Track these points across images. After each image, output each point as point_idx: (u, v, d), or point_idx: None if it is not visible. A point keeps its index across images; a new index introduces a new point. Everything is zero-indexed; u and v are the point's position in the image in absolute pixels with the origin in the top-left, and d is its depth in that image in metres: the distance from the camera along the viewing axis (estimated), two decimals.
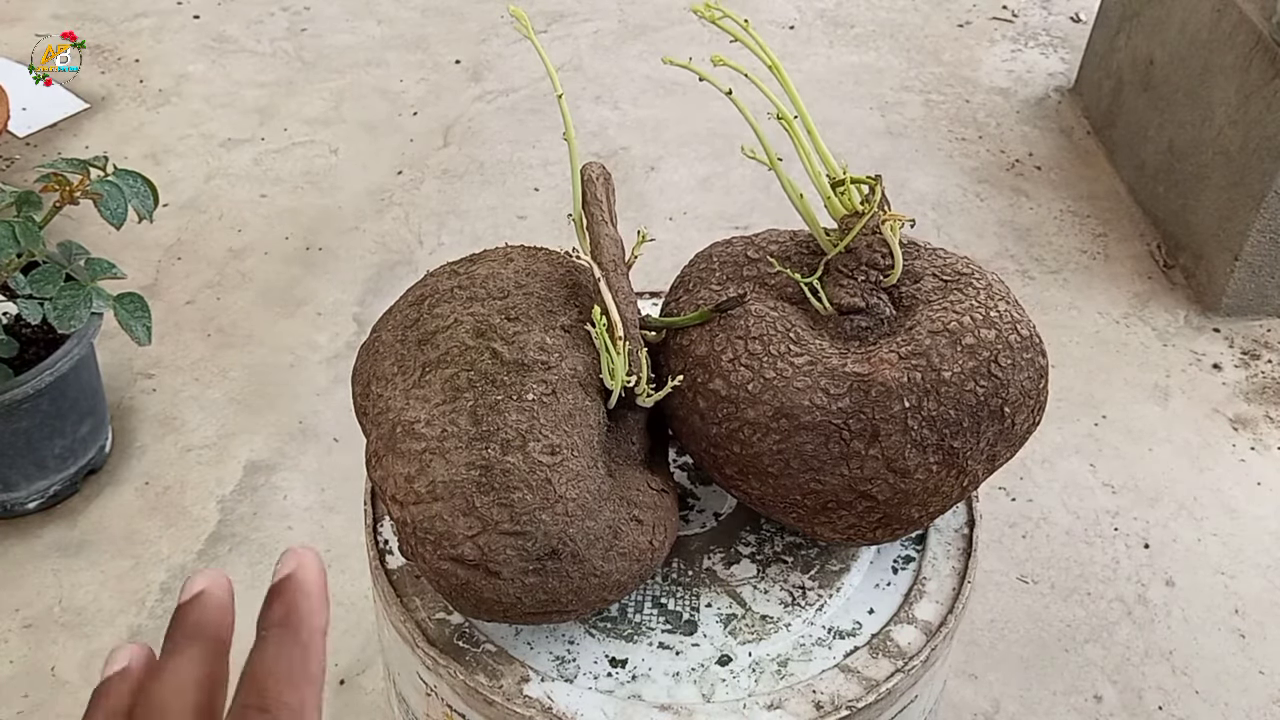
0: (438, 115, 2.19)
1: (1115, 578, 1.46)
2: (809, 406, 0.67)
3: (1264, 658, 1.38)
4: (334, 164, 2.07)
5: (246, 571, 1.42)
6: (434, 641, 0.71)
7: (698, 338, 0.71)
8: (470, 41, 2.39)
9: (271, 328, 1.75)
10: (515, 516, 0.62)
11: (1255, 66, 1.71)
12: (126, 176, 1.22)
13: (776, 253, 0.75)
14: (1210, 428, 1.66)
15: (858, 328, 0.72)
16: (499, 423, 0.64)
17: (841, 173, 0.73)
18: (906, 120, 2.23)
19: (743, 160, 2.00)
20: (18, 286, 1.29)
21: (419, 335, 0.70)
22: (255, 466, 1.55)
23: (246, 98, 2.22)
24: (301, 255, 1.88)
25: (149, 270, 1.83)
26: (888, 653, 0.71)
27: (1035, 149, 2.16)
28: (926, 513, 0.72)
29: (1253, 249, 1.75)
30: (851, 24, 2.51)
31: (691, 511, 0.80)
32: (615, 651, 0.71)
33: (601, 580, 0.66)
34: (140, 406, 1.61)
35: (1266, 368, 1.75)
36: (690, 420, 0.72)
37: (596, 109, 2.22)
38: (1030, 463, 1.58)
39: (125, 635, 1.35)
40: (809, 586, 0.75)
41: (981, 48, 2.44)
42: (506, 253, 0.75)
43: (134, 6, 2.45)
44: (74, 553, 1.43)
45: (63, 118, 2.13)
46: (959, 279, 0.72)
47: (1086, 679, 1.35)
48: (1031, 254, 1.94)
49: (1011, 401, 0.69)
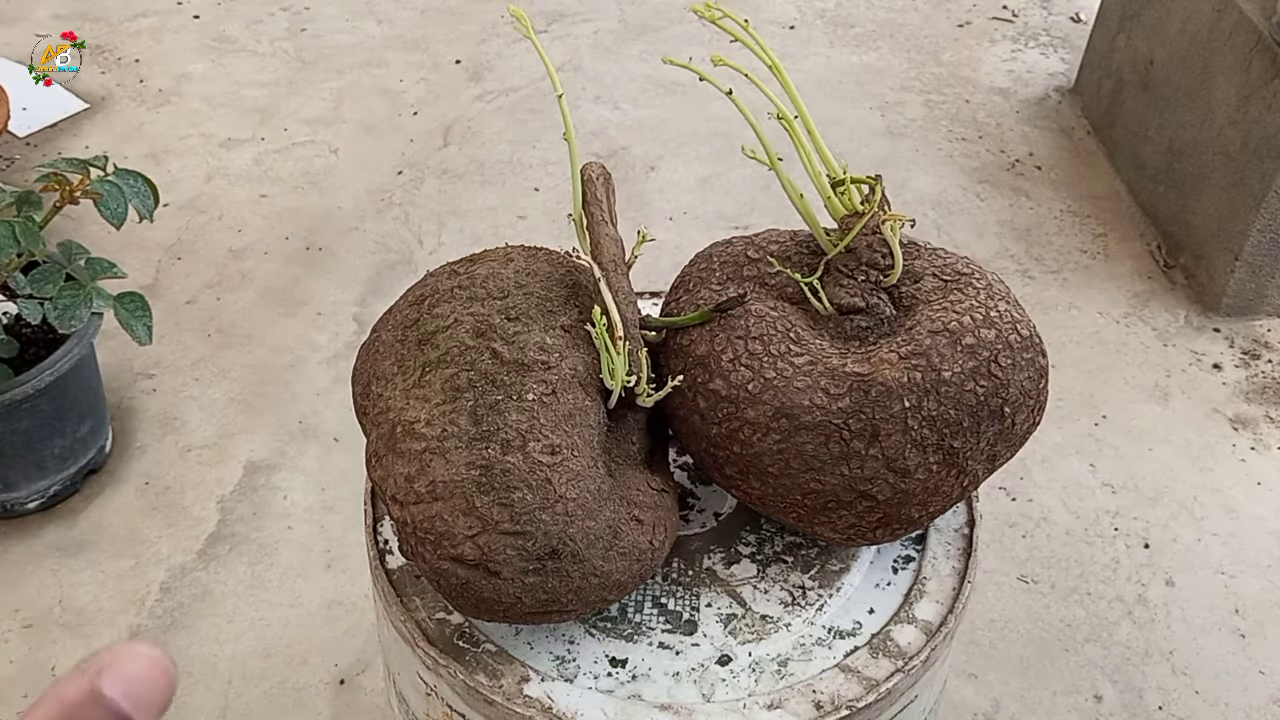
0: (438, 115, 2.19)
1: (1115, 578, 1.46)
2: (809, 406, 0.67)
3: (1264, 658, 1.38)
4: (334, 164, 2.07)
5: (246, 571, 1.42)
6: (434, 641, 0.71)
7: (698, 338, 0.71)
8: (470, 41, 2.39)
9: (271, 328, 1.75)
10: (515, 516, 0.62)
11: (1255, 66, 1.71)
12: (126, 176, 1.22)
13: (776, 253, 0.75)
14: (1210, 428, 1.66)
15: (858, 328, 0.72)
16: (499, 423, 0.64)
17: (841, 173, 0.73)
18: (906, 120, 2.23)
19: (743, 160, 2.00)
20: (18, 286, 1.29)
21: (419, 335, 0.70)
22: (255, 466, 1.55)
23: (246, 98, 2.22)
24: (301, 255, 1.88)
25: (149, 270, 1.83)
26: (888, 652, 0.71)
27: (1035, 149, 2.16)
28: (926, 513, 0.72)
29: (1253, 249, 1.75)
30: (851, 24, 2.51)
31: (691, 511, 0.80)
32: (615, 651, 0.71)
33: (601, 580, 0.66)
34: (140, 406, 1.61)
35: (1266, 368, 1.75)
36: (690, 420, 0.72)
37: (596, 109, 2.22)
38: (1030, 463, 1.58)
39: (125, 635, 1.35)
40: (809, 586, 0.75)
41: (981, 48, 2.44)
42: (506, 253, 0.75)
43: (134, 6, 2.45)
44: (74, 553, 1.43)
45: (63, 118, 2.13)
46: (959, 279, 0.72)
47: (1086, 679, 1.36)
48: (1031, 254, 1.94)
49: (1011, 401, 0.69)
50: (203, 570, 1.42)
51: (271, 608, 1.39)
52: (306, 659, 1.34)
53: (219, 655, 1.34)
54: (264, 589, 1.41)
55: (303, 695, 1.31)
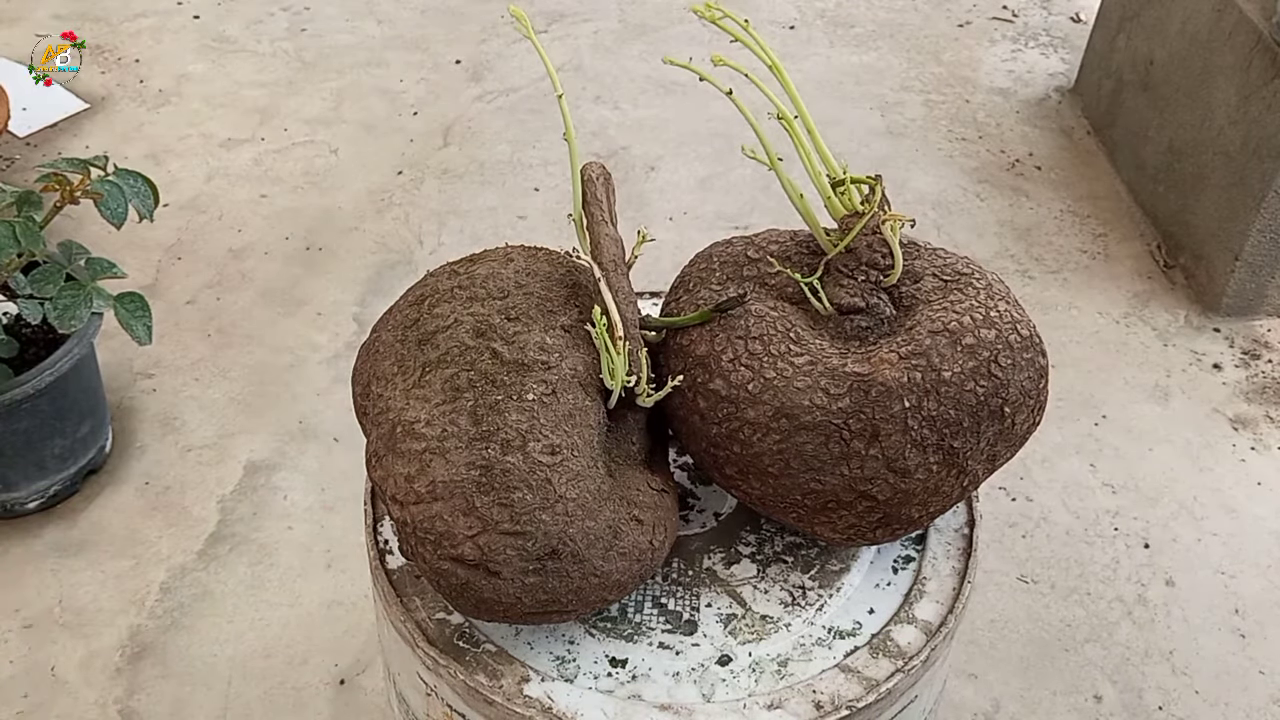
0: (438, 115, 2.19)
1: (1115, 578, 1.46)
2: (809, 406, 0.67)
3: (1264, 658, 1.38)
4: (334, 164, 2.07)
5: (246, 571, 1.42)
6: (434, 641, 0.71)
7: (698, 338, 0.71)
8: (470, 41, 2.39)
9: (271, 328, 1.75)
10: (515, 516, 0.62)
11: (1255, 66, 1.71)
12: (127, 176, 1.22)
13: (776, 253, 0.75)
14: (1210, 428, 1.66)
15: (858, 328, 0.72)
16: (499, 423, 0.64)
17: (841, 173, 0.73)
18: (906, 120, 2.23)
19: (743, 160, 2.00)
20: (18, 286, 1.29)
21: (419, 335, 0.70)
22: (255, 466, 1.55)
23: (246, 98, 2.22)
24: (301, 255, 1.88)
25: (149, 270, 1.83)
26: (888, 652, 0.71)
27: (1035, 149, 2.16)
28: (926, 513, 0.72)
29: (1253, 249, 1.75)
30: (851, 24, 2.51)
31: (691, 511, 0.80)
32: (615, 651, 0.71)
33: (601, 580, 0.66)
34: (140, 406, 1.61)
35: (1266, 368, 1.75)
36: (690, 420, 0.72)
37: (596, 109, 2.22)
38: (1030, 463, 1.58)
39: (125, 635, 1.35)
40: (809, 586, 0.75)
41: (981, 48, 2.44)
42: (506, 253, 0.75)
43: (134, 6, 2.45)
44: (74, 553, 1.43)
45: (63, 118, 2.13)
46: (959, 279, 0.73)
47: (1086, 679, 1.36)
48: (1031, 254, 1.94)
49: (1011, 401, 0.69)
50: (203, 570, 1.42)
51: (271, 608, 1.39)
52: (306, 659, 1.34)
53: (219, 655, 1.34)
54: (264, 589, 1.41)
55: (303, 695, 1.31)
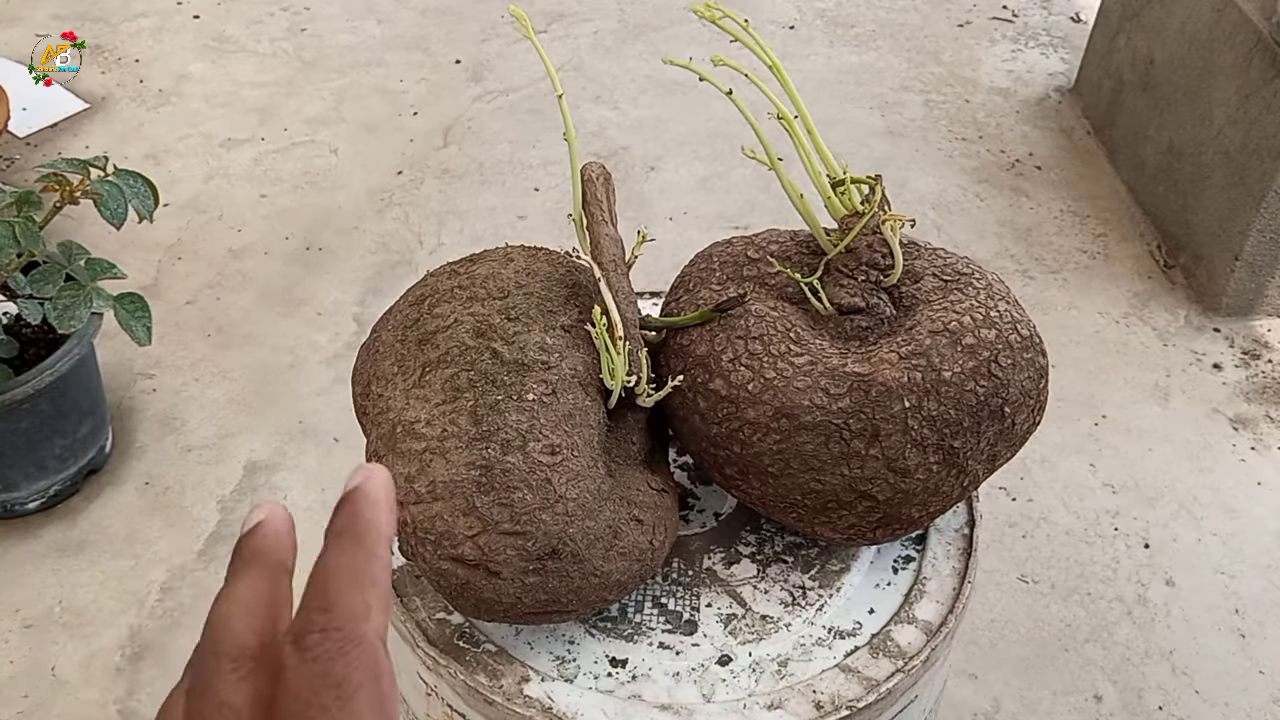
0: (438, 115, 2.19)
1: (1115, 578, 1.46)
2: (809, 406, 0.67)
3: (1264, 658, 1.38)
4: (334, 164, 2.07)
5: None
6: (434, 641, 0.71)
7: (698, 338, 0.71)
8: (470, 41, 2.39)
9: (271, 328, 1.75)
10: (515, 516, 0.62)
11: (1255, 66, 1.71)
12: (126, 176, 1.22)
13: (776, 253, 0.75)
14: (1210, 428, 1.66)
15: (858, 328, 0.72)
16: (499, 423, 0.64)
17: (841, 173, 0.73)
18: (906, 120, 2.23)
19: (743, 160, 2.00)
20: (18, 286, 1.29)
21: (419, 335, 0.70)
22: (255, 466, 1.55)
23: (246, 98, 2.22)
24: (301, 255, 1.88)
25: (149, 270, 1.83)
26: (888, 653, 0.71)
27: (1035, 149, 2.16)
28: (927, 513, 0.72)
29: (1253, 249, 1.75)
30: (851, 24, 2.51)
31: (691, 511, 0.80)
32: (615, 651, 0.71)
33: (601, 580, 0.66)
34: (140, 406, 1.61)
35: (1266, 368, 1.75)
36: (690, 420, 0.72)
37: (596, 109, 2.22)
38: (1030, 463, 1.58)
39: (125, 635, 1.35)
40: (809, 586, 0.75)
41: (981, 48, 2.44)
42: (506, 253, 0.75)
43: (134, 6, 2.45)
44: (74, 553, 1.43)
45: (63, 118, 2.13)
46: (959, 279, 0.72)
47: (1086, 679, 1.36)
48: (1031, 254, 1.94)
49: (1011, 401, 0.69)
50: (203, 570, 1.42)
51: None
52: None
53: None
54: None
55: None
